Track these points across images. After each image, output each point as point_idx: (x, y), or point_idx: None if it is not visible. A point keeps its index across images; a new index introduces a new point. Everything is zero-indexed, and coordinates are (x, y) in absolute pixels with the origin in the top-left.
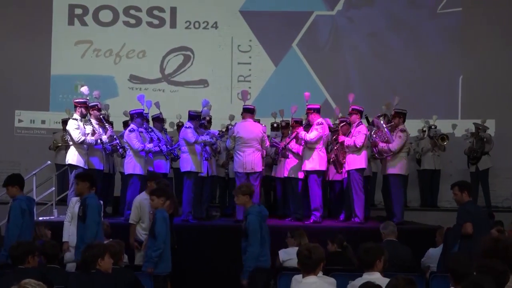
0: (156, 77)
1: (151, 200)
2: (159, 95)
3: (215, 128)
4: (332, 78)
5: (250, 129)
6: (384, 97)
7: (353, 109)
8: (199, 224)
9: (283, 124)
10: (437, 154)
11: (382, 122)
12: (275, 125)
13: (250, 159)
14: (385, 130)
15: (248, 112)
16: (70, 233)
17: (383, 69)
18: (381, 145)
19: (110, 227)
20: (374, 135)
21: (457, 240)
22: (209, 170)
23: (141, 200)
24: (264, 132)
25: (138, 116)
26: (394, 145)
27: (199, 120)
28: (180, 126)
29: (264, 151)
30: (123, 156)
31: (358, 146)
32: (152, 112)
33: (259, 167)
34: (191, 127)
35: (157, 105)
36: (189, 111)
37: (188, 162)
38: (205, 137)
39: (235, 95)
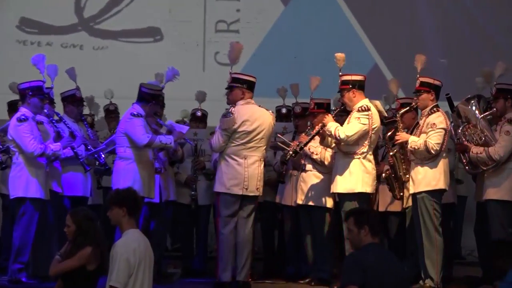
0: (68, 22)
1: None
2: (74, 56)
3: (173, 115)
4: (387, 29)
5: (259, 119)
6: (480, 62)
7: (423, 84)
8: None
9: (298, 110)
10: None
11: (474, 108)
12: (283, 111)
13: (256, 173)
14: (481, 122)
15: (249, 87)
16: None
17: (477, 14)
18: (475, 149)
19: None
20: (462, 132)
21: None
22: (163, 192)
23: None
24: (274, 125)
25: (34, 94)
26: (498, 150)
27: (157, 104)
28: (111, 111)
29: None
30: (2, 167)
31: (432, 151)
32: (62, 86)
33: (262, 188)
34: (141, 117)
35: (71, 73)
36: (140, 87)
37: (127, 177)
38: (166, 138)
39: (210, 57)
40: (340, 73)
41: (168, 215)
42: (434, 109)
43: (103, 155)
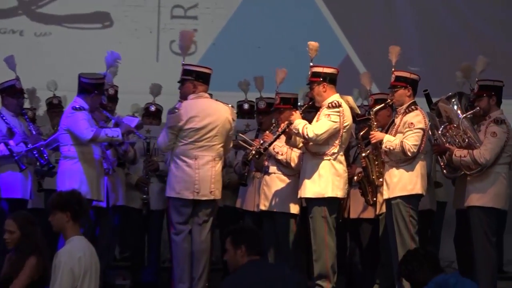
0: (7, 5)
1: None
2: (13, 42)
3: (123, 111)
4: (360, 17)
5: (212, 114)
6: (461, 54)
7: (398, 78)
8: None
9: (262, 105)
10: None
11: (456, 107)
12: (245, 106)
13: (209, 174)
14: (463, 122)
15: (201, 79)
16: None
17: (458, 2)
18: (458, 152)
19: None
20: (442, 133)
21: None
22: (110, 196)
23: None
24: (234, 121)
25: None
26: (484, 152)
27: (101, 94)
28: (54, 105)
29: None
30: None
31: (409, 153)
32: (0, 76)
33: (220, 191)
34: (84, 110)
35: (10, 61)
36: (79, 77)
37: (74, 178)
38: (113, 131)
39: (165, 45)
40: (311, 64)
41: (116, 221)
42: (412, 107)
43: (46, 154)
